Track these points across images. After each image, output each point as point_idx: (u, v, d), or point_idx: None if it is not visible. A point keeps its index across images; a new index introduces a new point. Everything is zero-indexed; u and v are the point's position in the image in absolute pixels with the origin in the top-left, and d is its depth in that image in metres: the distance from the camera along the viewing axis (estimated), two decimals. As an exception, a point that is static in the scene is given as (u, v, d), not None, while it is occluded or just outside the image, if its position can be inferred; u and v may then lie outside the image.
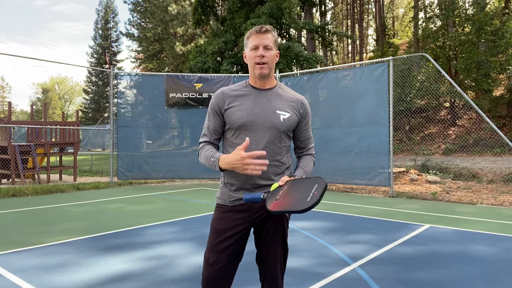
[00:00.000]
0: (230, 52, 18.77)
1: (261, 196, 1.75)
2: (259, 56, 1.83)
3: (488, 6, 20.25)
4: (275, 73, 10.71)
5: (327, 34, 19.81)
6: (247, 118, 1.84)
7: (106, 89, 34.29)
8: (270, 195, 1.74)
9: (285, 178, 1.79)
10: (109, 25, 43.15)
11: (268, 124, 1.85)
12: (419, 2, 26.63)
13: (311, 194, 1.61)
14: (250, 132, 1.84)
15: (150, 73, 11.38)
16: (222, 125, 1.93)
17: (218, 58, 18.83)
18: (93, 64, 41.92)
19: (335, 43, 25.30)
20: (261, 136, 1.84)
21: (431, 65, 17.42)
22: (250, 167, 1.66)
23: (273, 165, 1.87)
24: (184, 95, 10.27)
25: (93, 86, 41.21)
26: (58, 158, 13.61)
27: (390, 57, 8.29)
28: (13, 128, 10.56)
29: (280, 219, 1.92)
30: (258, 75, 1.86)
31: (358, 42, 38.99)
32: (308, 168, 1.97)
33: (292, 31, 20.64)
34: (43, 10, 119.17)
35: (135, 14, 34.31)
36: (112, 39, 42.79)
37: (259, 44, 1.83)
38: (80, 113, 34.00)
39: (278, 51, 1.93)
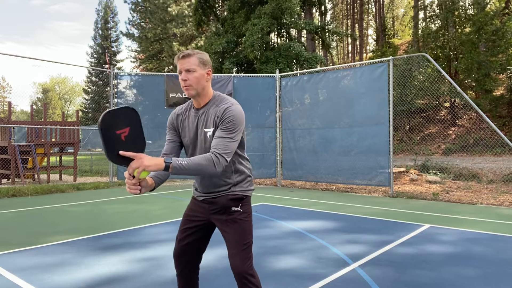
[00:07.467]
0: (231, 52, 18.78)
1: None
2: (183, 80, 1.97)
3: (488, 6, 20.22)
4: (275, 72, 10.71)
5: (327, 34, 19.79)
6: (187, 142, 2.11)
7: (106, 89, 34.24)
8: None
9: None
10: (109, 25, 43.14)
11: (201, 144, 2.06)
12: (419, 2, 26.62)
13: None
14: (193, 151, 2.11)
15: (150, 73, 11.37)
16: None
17: (220, 59, 18.83)
18: (93, 64, 41.90)
19: (334, 44, 25.24)
20: (200, 154, 2.04)
21: (431, 65, 17.41)
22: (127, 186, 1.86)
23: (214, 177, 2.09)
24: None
25: (93, 86, 41.17)
26: (58, 158, 13.59)
27: (390, 57, 8.29)
28: (13, 128, 10.56)
29: (230, 217, 2.05)
30: (188, 96, 2.04)
31: (358, 42, 38.99)
32: (191, 161, 1.82)
33: (293, 31, 20.62)
34: (40, 9, 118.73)
35: (135, 14, 34.31)
36: (112, 39, 42.78)
37: (181, 69, 1.97)
38: (80, 113, 33.96)
39: (209, 70, 2.02)
